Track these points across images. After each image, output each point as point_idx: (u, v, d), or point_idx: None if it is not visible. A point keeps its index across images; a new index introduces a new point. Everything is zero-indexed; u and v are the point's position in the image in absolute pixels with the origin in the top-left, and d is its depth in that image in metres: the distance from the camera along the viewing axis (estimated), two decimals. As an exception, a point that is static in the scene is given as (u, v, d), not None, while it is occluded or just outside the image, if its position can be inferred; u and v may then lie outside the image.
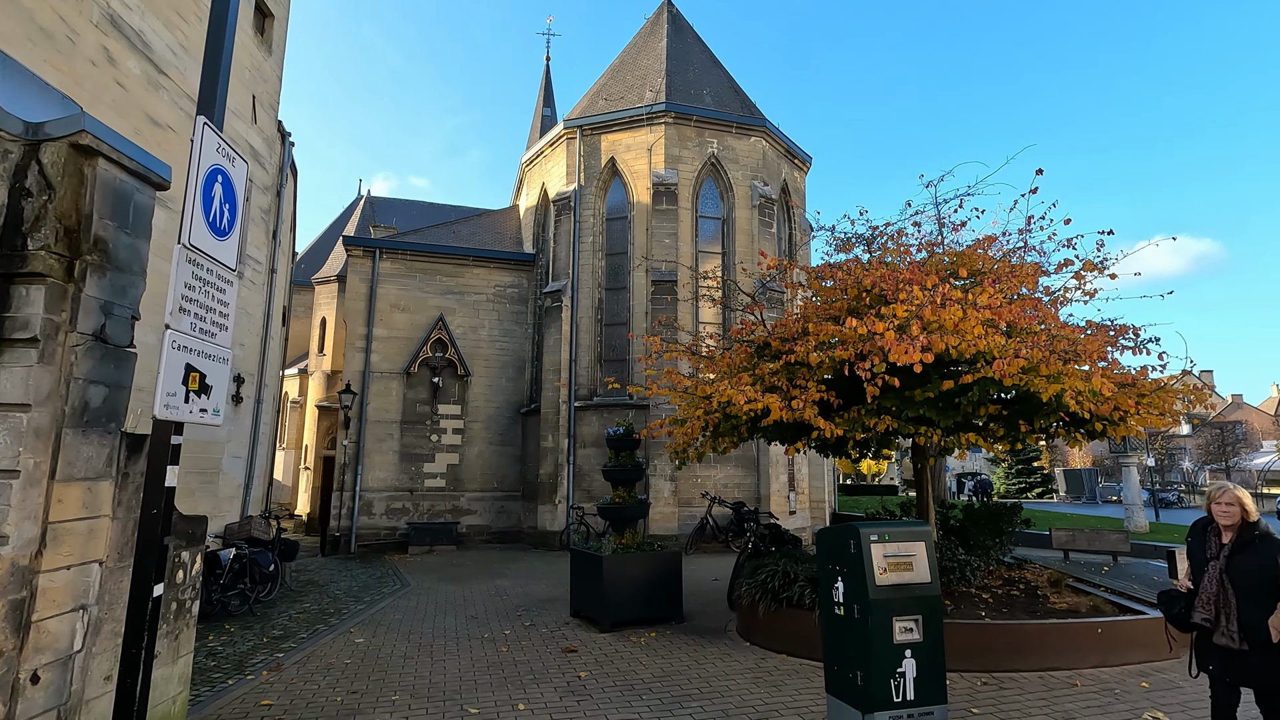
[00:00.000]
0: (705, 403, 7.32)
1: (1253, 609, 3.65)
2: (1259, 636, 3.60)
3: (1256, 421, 56.35)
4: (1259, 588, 3.67)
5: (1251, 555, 3.73)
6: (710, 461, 15.38)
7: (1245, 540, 3.77)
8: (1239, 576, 3.72)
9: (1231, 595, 3.71)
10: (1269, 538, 3.76)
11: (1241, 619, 3.68)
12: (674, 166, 17.06)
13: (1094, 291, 7.59)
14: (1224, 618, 3.73)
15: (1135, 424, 6.68)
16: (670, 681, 6.01)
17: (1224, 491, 3.92)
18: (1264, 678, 3.66)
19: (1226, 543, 3.82)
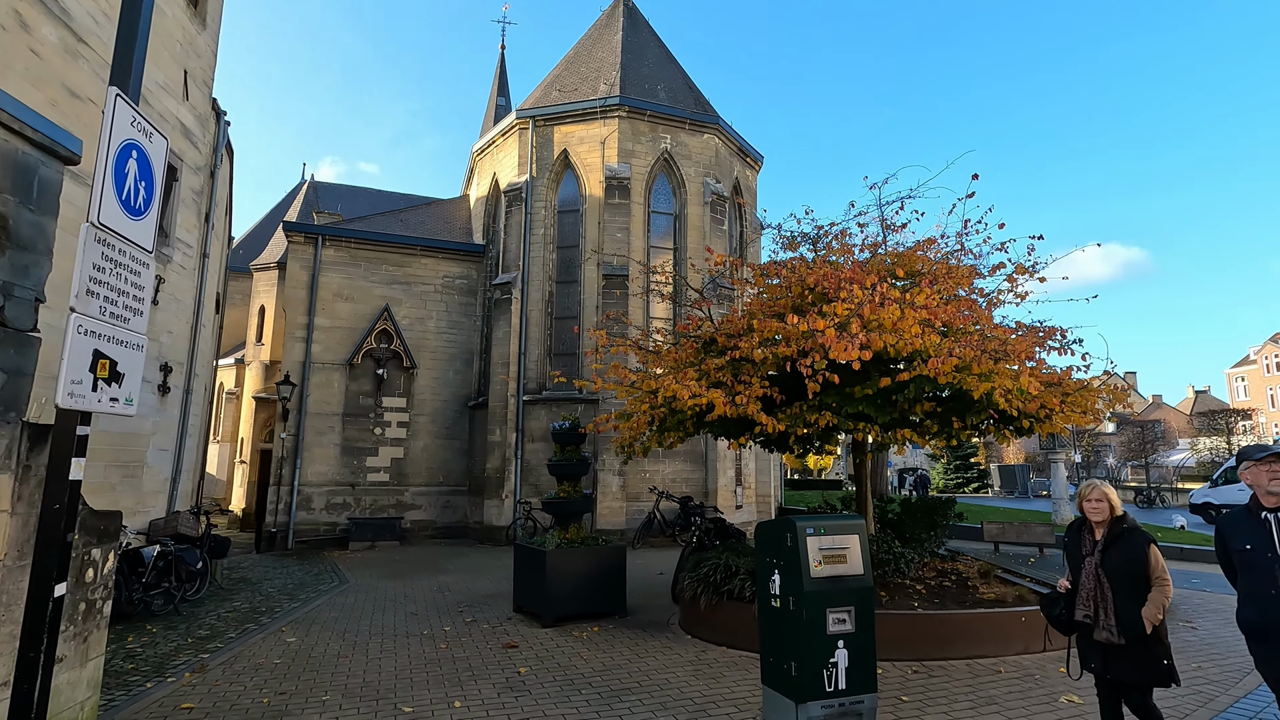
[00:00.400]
0: (651, 397, 7.33)
1: (1128, 602, 3.72)
2: (1135, 630, 3.66)
3: (1174, 421, 59.85)
4: (1131, 580, 3.75)
5: (1121, 549, 3.81)
6: (658, 456, 15.45)
7: (1116, 534, 3.85)
8: (1112, 571, 3.78)
9: (1108, 590, 3.76)
10: (1137, 530, 3.86)
11: (1118, 612, 3.73)
12: (627, 161, 17.02)
13: (1025, 294, 7.90)
14: (1102, 613, 3.77)
15: (1060, 421, 6.98)
16: (610, 675, 6.01)
17: (1093, 488, 3.98)
18: (1140, 671, 3.72)
19: (1099, 538, 3.89)
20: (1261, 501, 3.45)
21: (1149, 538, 3.81)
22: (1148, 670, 3.69)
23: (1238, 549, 3.49)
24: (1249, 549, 3.43)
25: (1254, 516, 3.47)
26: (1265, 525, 3.40)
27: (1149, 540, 3.80)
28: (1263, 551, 3.37)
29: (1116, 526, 3.87)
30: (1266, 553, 3.35)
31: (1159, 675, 3.69)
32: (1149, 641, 3.66)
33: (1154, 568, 3.74)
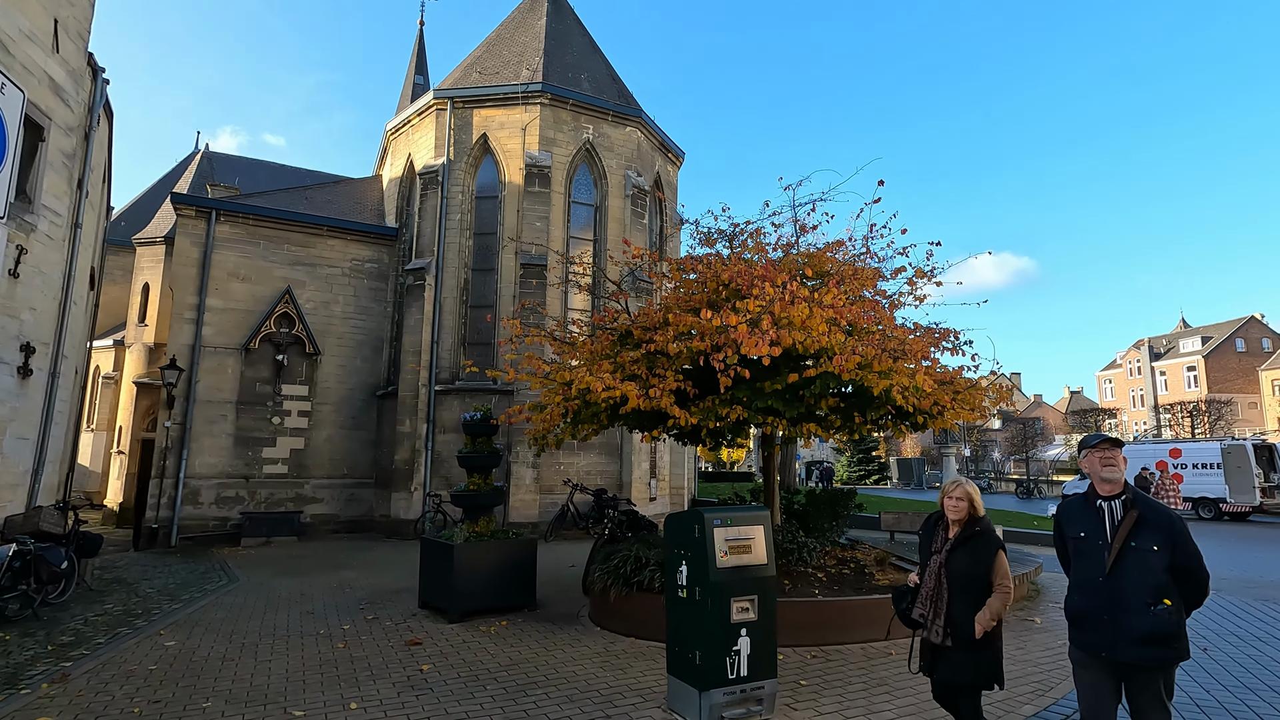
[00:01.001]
0: (565, 389, 7.27)
1: (964, 606, 3.63)
2: (964, 632, 3.59)
3: (1051, 418, 65.22)
4: (972, 583, 3.66)
5: (969, 551, 3.72)
6: (574, 449, 15.38)
7: (966, 536, 3.75)
8: (955, 572, 3.70)
9: (946, 591, 3.68)
10: (989, 534, 3.76)
11: (951, 614, 3.66)
12: (548, 149, 16.77)
13: (923, 297, 8.35)
14: (934, 614, 3.71)
15: (951, 418, 7.43)
16: (517, 670, 5.93)
17: (956, 486, 3.88)
18: (962, 673, 3.66)
19: (951, 537, 3.81)
20: (1097, 489, 3.42)
21: (998, 544, 3.74)
22: (970, 673, 3.65)
23: (1073, 536, 3.47)
24: (1083, 536, 3.40)
25: (1089, 504, 3.44)
26: (1099, 513, 3.37)
27: (998, 546, 3.73)
28: (1095, 539, 3.34)
29: (969, 528, 3.77)
30: (1098, 540, 3.32)
31: (981, 678, 3.66)
32: (978, 645, 3.58)
33: (998, 573, 3.68)
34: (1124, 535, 3.23)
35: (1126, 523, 3.25)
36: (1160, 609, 3.10)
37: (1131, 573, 3.18)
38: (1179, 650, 3.15)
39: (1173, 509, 3.35)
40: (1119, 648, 3.18)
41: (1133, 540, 3.21)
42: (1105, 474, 3.35)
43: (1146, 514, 3.24)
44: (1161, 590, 3.13)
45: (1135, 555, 3.19)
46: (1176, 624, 3.11)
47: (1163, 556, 3.16)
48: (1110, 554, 3.24)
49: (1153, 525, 3.22)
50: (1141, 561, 3.17)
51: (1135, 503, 3.28)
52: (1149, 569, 3.16)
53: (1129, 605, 3.15)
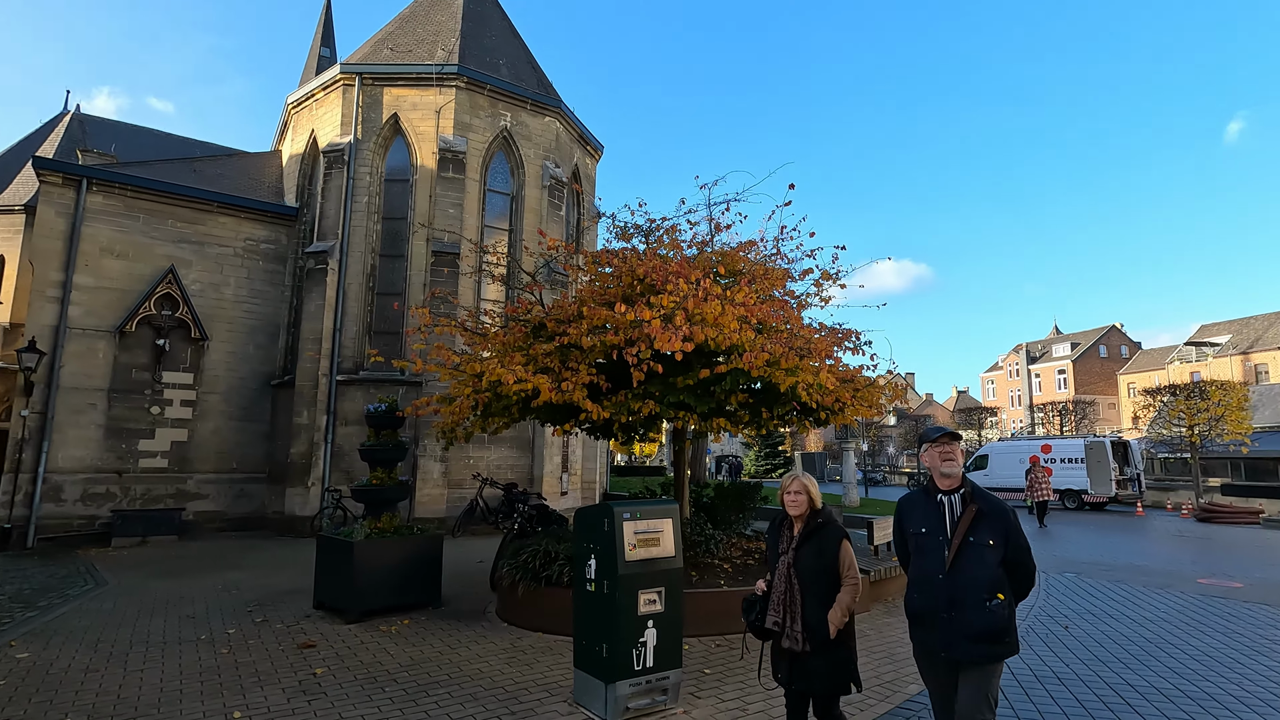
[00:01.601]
0: (475, 381, 7.09)
1: (816, 605, 3.47)
2: (820, 635, 3.41)
3: (941, 416, 69.78)
4: (822, 580, 3.50)
5: (814, 546, 3.56)
6: (484, 442, 15.07)
7: (809, 531, 3.59)
8: (804, 570, 3.52)
9: (798, 592, 3.49)
10: (831, 525, 3.61)
11: (806, 617, 3.46)
12: (463, 134, 16.29)
13: (829, 298, 8.71)
14: (790, 618, 3.48)
15: (850, 414, 7.78)
16: (419, 669, 5.74)
17: (793, 480, 3.69)
18: (823, 681, 3.48)
19: (796, 534, 3.64)
20: (937, 484, 3.32)
21: (842, 533, 3.61)
22: (831, 678, 3.49)
23: (914, 532, 3.36)
24: (924, 532, 3.30)
25: (930, 499, 3.34)
26: (940, 508, 3.28)
27: (841, 537, 3.58)
28: (935, 534, 3.24)
29: (812, 522, 3.61)
30: (938, 536, 3.23)
31: (842, 682, 3.51)
32: (833, 646, 3.43)
33: (843, 565, 3.51)
34: (963, 530, 3.16)
35: (966, 518, 3.18)
36: (995, 604, 3.06)
37: (969, 568, 3.12)
38: (1009, 645, 3.11)
39: (1004, 502, 3.24)
40: (956, 645, 3.12)
41: (971, 535, 3.15)
42: (945, 469, 3.27)
43: (984, 508, 3.19)
44: (996, 585, 3.10)
45: (973, 551, 3.13)
46: (1008, 618, 3.08)
47: (997, 551, 3.12)
48: (950, 550, 3.16)
49: (989, 519, 3.17)
50: (979, 557, 3.11)
51: (974, 497, 3.23)
52: (985, 564, 3.11)
53: (967, 601, 3.09)
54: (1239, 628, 7.28)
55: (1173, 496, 26.45)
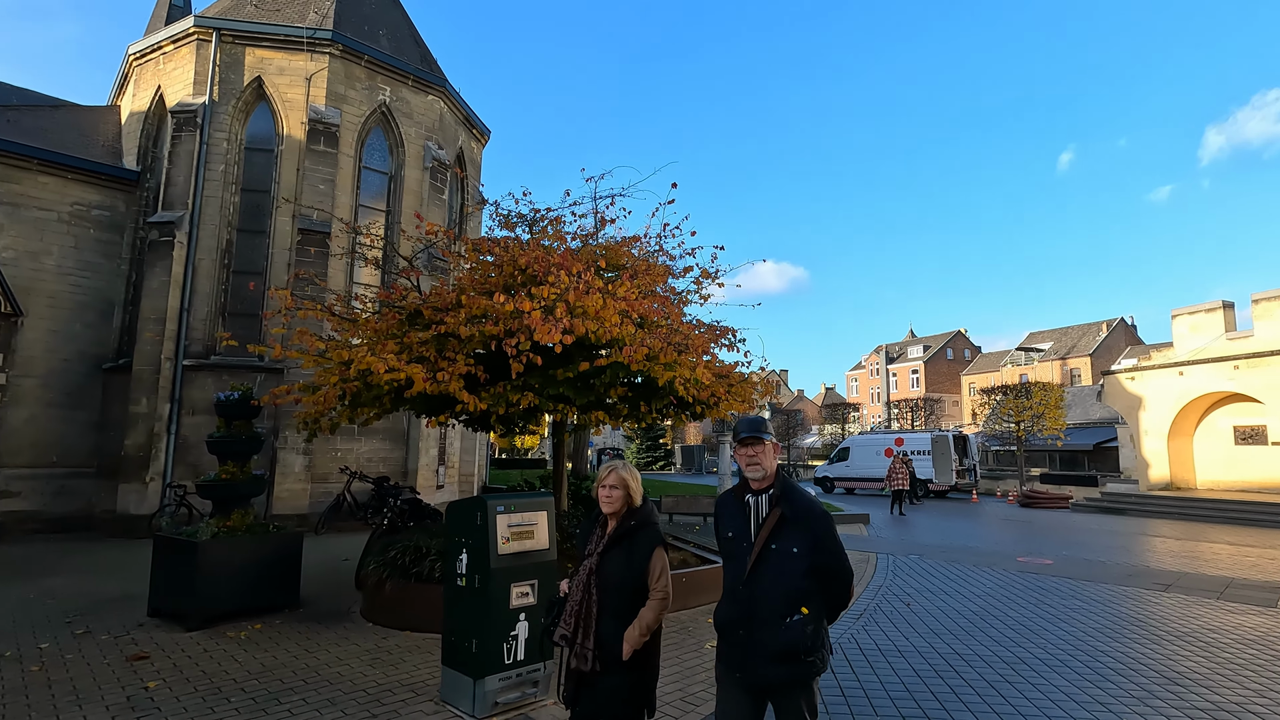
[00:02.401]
0: (343, 369, 6.70)
1: (614, 621, 2.94)
2: (612, 653, 2.90)
3: (810, 411, 74.16)
4: (626, 592, 2.97)
5: (623, 551, 3.02)
6: (354, 434, 14.29)
7: (621, 533, 3.06)
8: (608, 578, 2.99)
9: (595, 603, 2.97)
10: (647, 528, 3.08)
11: (600, 632, 2.94)
12: (337, 105, 15.28)
13: (708, 296, 9.00)
14: (582, 632, 2.97)
15: (725, 408, 8.10)
16: (270, 676, 5.37)
17: (610, 472, 3.15)
18: (611, 706, 2.94)
19: (606, 536, 3.10)
20: (748, 482, 2.94)
21: (658, 539, 3.07)
22: (621, 704, 2.94)
23: (723, 536, 2.99)
24: (731, 536, 2.94)
25: (739, 500, 2.95)
26: (747, 509, 2.90)
27: (656, 543, 3.05)
28: (741, 539, 2.88)
29: (626, 523, 3.08)
30: (744, 541, 2.86)
31: (631, 709, 2.97)
32: (628, 667, 2.91)
33: (653, 575, 2.98)
34: (765, 536, 2.79)
35: (770, 521, 2.80)
36: (795, 620, 2.67)
37: (769, 579, 2.75)
38: (815, 664, 2.70)
39: (818, 504, 2.88)
40: (751, 666, 2.75)
41: (774, 542, 2.78)
42: (749, 472, 2.89)
43: (788, 511, 2.79)
44: (799, 598, 2.71)
45: (775, 558, 2.76)
46: (813, 635, 2.67)
47: (803, 559, 2.74)
48: (751, 557, 2.79)
49: (794, 524, 2.78)
50: (780, 566, 2.75)
51: (782, 498, 2.83)
52: (787, 574, 2.74)
53: (764, 617, 2.72)
54: (1047, 599, 8.32)
55: (1002, 485, 29.70)
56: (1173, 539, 14.57)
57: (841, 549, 2.85)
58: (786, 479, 2.93)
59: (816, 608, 2.74)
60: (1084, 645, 6.36)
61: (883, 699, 5.02)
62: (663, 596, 2.98)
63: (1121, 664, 5.81)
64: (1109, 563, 11.19)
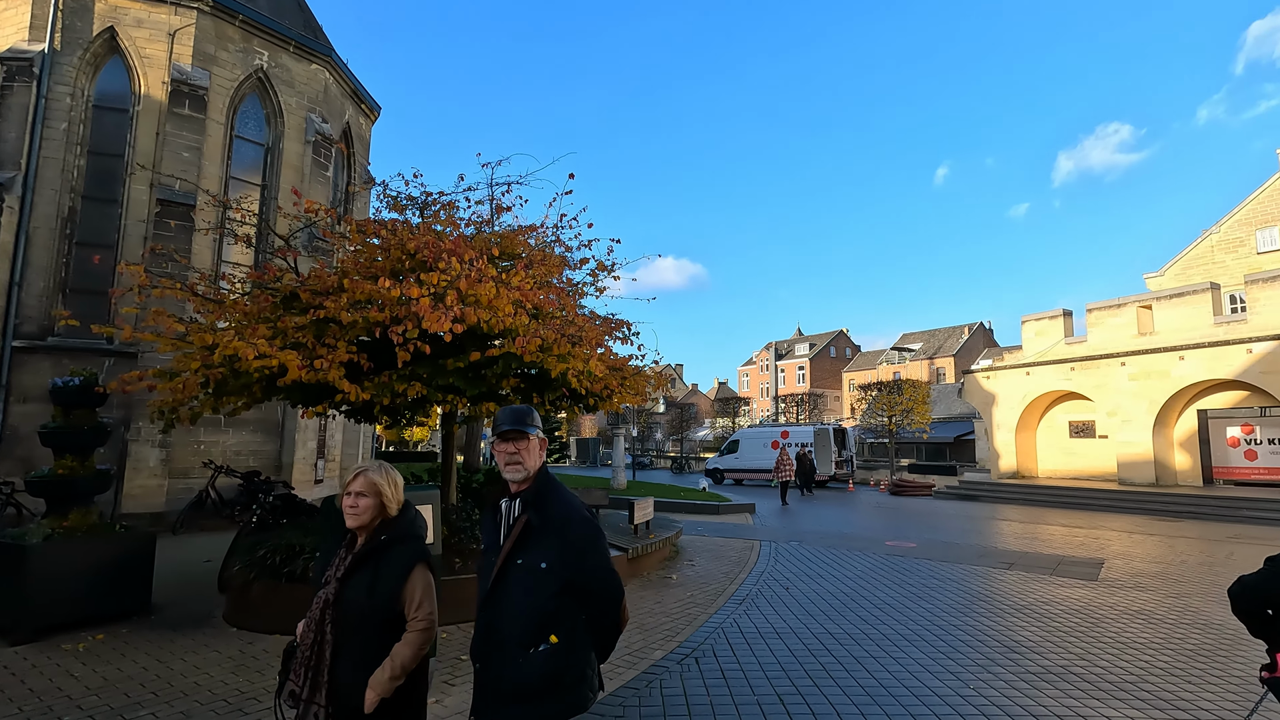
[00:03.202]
0: (206, 354, 6.17)
1: (353, 664, 2.33)
2: (352, 703, 2.30)
3: (704, 405, 76.21)
4: (371, 625, 2.36)
5: (370, 573, 2.40)
6: (220, 425, 13.22)
7: (368, 551, 2.44)
8: (349, 609, 2.37)
9: (329, 644, 2.35)
10: (407, 541, 2.49)
11: (337, 681, 2.32)
12: (206, 67, 13.99)
13: (604, 289, 9.04)
14: (310, 685, 2.33)
15: (618, 401, 8.18)
16: (113, 690, 4.88)
17: (356, 476, 2.52)
18: None
19: (351, 555, 2.47)
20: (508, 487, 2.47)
21: (419, 555, 2.48)
22: None
23: (483, 548, 2.53)
24: (483, 548, 2.51)
25: (495, 506, 2.50)
26: (498, 516, 2.46)
27: (416, 560, 2.45)
28: (491, 552, 2.43)
29: (376, 538, 2.47)
30: (493, 554, 2.40)
31: None
32: None
33: (410, 602, 2.39)
34: (508, 549, 2.34)
35: (515, 530, 2.35)
36: (540, 651, 2.23)
37: (511, 600, 2.29)
38: (567, 707, 2.26)
39: (579, 509, 2.41)
40: (487, 708, 2.30)
41: (519, 555, 2.32)
42: (508, 473, 2.42)
43: (535, 518, 2.34)
44: (546, 623, 2.26)
45: (519, 576, 2.30)
46: (561, 668, 2.24)
47: (554, 576, 2.28)
48: (493, 573, 2.35)
49: (542, 534, 2.32)
50: (524, 584, 2.29)
51: (532, 502, 2.37)
52: (532, 594, 2.27)
53: (503, 646, 2.27)
54: (909, 579, 9.03)
55: (875, 475, 31.86)
56: (1017, 522, 16.21)
57: (605, 563, 2.40)
58: (547, 479, 2.46)
59: (570, 636, 2.29)
60: (939, 620, 6.95)
61: (759, 678, 5.27)
62: (425, 628, 2.38)
63: (970, 636, 6.40)
64: (963, 544, 12.29)
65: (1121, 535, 13.79)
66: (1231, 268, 29.44)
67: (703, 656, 5.78)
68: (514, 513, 2.42)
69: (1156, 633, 6.60)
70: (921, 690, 5.00)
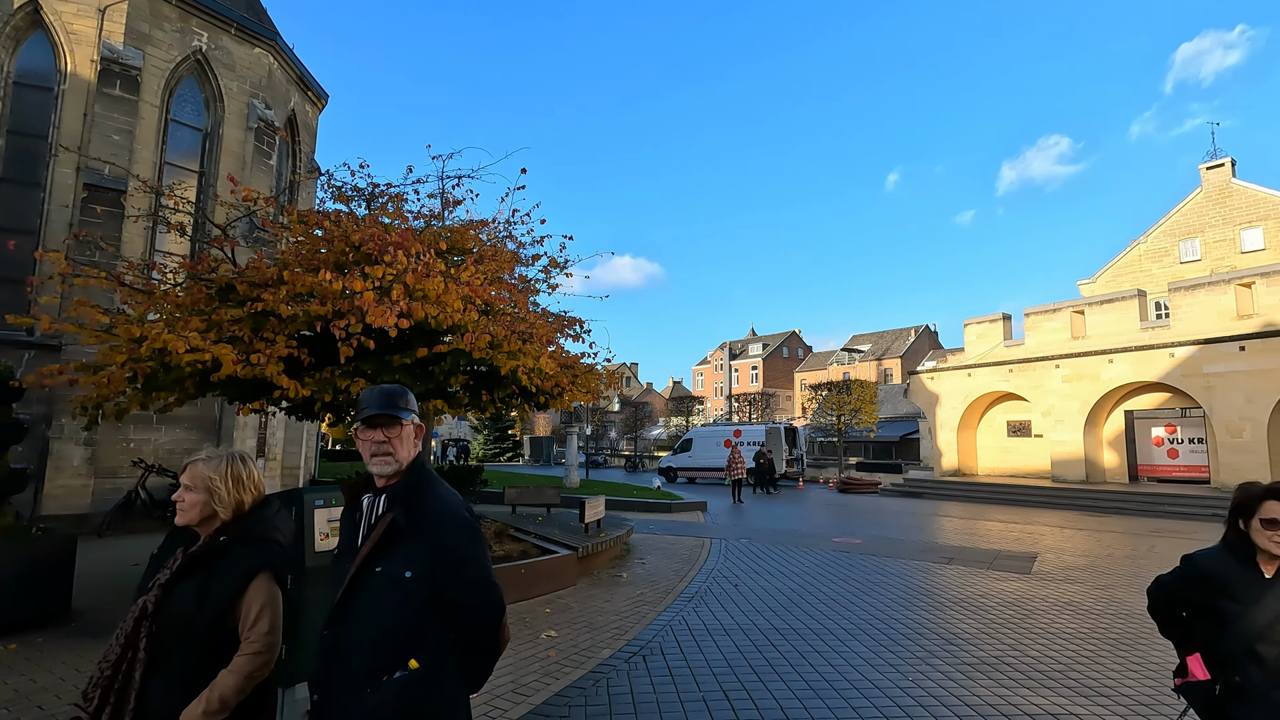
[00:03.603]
0: (133, 347, 5.88)
1: (168, 685, 1.93)
2: None
3: (658, 403, 76.51)
4: (193, 639, 1.96)
5: (199, 582, 2.01)
6: (152, 422, 12.63)
7: (201, 555, 2.06)
8: (170, 620, 1.99)
9: (141, 661, 1.94)
10: (251, 544, 2.09)
11: (143, 705, 1.92)
12: (140, 46, 13.32)
13: (556, 285, 8.97)
14: (112, 709, 1.92)
15: (569, 398, 8.12)
16: (27, 704, 4.59)
17: (185, 468, 2.18)
18: None
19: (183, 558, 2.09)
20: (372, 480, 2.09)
21: (264, 561, 2.07)
22: None
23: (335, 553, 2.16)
24: (336, 554, 2.14)
25: (353, 504, 2.10)
26: (358, 514, 2.07)
27: (259, 568, 2.05)
28: (346, 557, 2.02)
29: (215, 539, 2.09)
30: (346, 561, 1.99)
31: None
32: None
33: (245, 618, 1.99)
34: (365, 553, 1.92)
35: (377, 532, 1.93)
36: (396, 679, 1.84)
37: (364, 616, 1.88)
38: None
39: (458, 508, 1.99)
40: None
41: (379, 562, 1.91)
42: (375, 465, 2.02)
43: (403, 519, 1.93)
44: (404, 645, 1.86)
45: (376, 587, 1.89)
46: (419, 701, 1.85)
47: (419, 587, 1.87)
48: (344, 583, 1.93)
49: (410, 537, 1.92)
50: (382, 597, 1.88)
51: (401, 499, 1.97)
52: (390, 609, 1.87)
53: (350, 672, 1.86)
54: (855, 575, 9.23)
55: (824, 473, 32.50)
56: (958, 518, 16.76)
57: (484, 574, 1.98)
58: (422, 473, 2.06)
59: (435, 661, 1.90)
60: (881, 614, 7.13)
61: (706, 675, 5.30)
62: (258, 650, 1.96)
63: (910, 629, 6.58)
64: (907, 540, 12.64)
65: (1054, 530, 14.40)
66: (1157, 276, 31.10)
67: (650, 654, 5.79)
68: (377, 511, 2.02)
69: (1084, 623, 6.91)
70: (863, 684, 5.11)
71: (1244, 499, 2.52)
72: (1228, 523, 2.59)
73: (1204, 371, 19.23)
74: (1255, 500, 2.47)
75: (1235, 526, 2.55)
